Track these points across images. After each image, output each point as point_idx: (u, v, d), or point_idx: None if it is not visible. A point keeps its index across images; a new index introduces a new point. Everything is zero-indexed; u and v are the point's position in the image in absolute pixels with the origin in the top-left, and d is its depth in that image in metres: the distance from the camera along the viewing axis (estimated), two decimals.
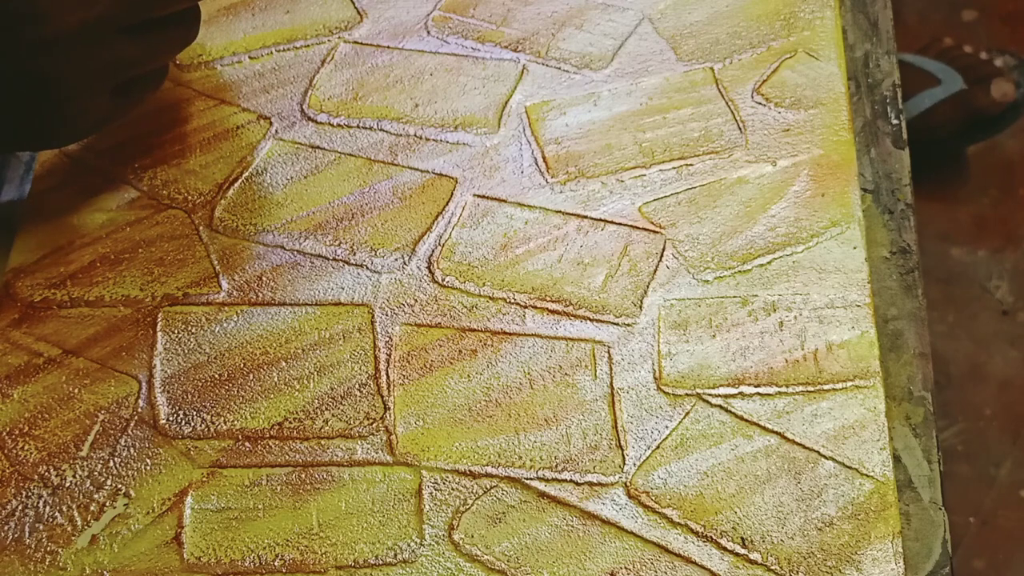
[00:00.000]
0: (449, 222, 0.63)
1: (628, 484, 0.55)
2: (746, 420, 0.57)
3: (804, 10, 0.70)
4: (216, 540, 0.55)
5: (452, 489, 0.56)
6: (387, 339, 0.60)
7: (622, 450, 0.56)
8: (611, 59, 0.69)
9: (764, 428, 0.56)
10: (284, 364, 0.59)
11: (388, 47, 0.70)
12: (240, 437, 0.57)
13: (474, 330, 0.60)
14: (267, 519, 0.55)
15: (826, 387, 0.57)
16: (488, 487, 0.56)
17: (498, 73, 0.69)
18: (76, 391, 0.59)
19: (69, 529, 0.55)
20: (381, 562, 0.54)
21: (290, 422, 0.58)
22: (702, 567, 0.53)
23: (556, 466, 0.56)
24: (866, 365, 0.58)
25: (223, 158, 0.66)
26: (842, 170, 0.64)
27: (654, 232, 0.62)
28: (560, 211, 0.63)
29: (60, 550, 0.55)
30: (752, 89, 0.67)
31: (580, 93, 0.68)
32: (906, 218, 0.64)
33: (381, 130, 0.67)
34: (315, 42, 0.71)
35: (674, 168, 0.65)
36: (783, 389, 0.57)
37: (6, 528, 0.55)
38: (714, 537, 0.54)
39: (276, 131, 0.67)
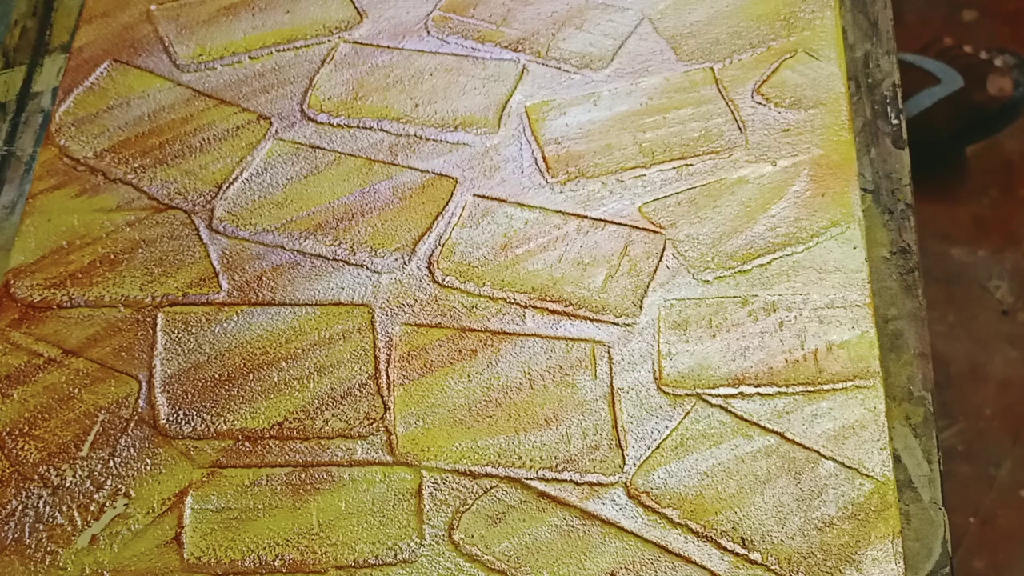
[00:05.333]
0: (449, 222, 0.63)
1: (628, 484, 0.55)
2: (746, 420, 0.57)
3: (804, 10, 0.70)
4: (216, 540, 0.55)
5: (452, 489, 0.56)
6: (387, 339, 0.60)
7: (622, 450, 0.56)
8: (611, 59, 0.69)
9: (764, 428, 0.56)
10: (284, 364, 0.59)
11: (388, 47, 0.70)
12: (240, 437, 0.57)
13: (474, 330, 0.60)
14: (267, 519, 0.55)
15: (826, 387, 0.57)
16: (488, 487, 0.56)
17: (498, 73, 0.69)
18: (76, 391, 0.59)
19: (69, 529, 0.55)
20: (381, 562, 0.54)
21: (290, 422, 0.58)
22: (702, 567, 0.53)
23: (556, 466, 0.56)
24: (866, 365, 0.58)
25: (223, 158, 0.66)
26: (842, 170, 0.64)
27: (654, 232, 0.62)
28: (560, 211, 0.63)
29: (60, 550, 0.55)
30: (752, 89, 0.67)
31: (580, 93, 0.68)
32: (906, 218, 0.64)
33: (381, 130, 0.67)
34: (315, 42, 0.71)
35: (674, 168, 0.65)
36: (783, 389, 0.57)
37: (6, 528, 0.55)
38: (714, 537, 0.54)
39: (276, 131, 0.67)
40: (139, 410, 0.58)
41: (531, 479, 0.56)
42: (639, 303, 0.60)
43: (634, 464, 0.56)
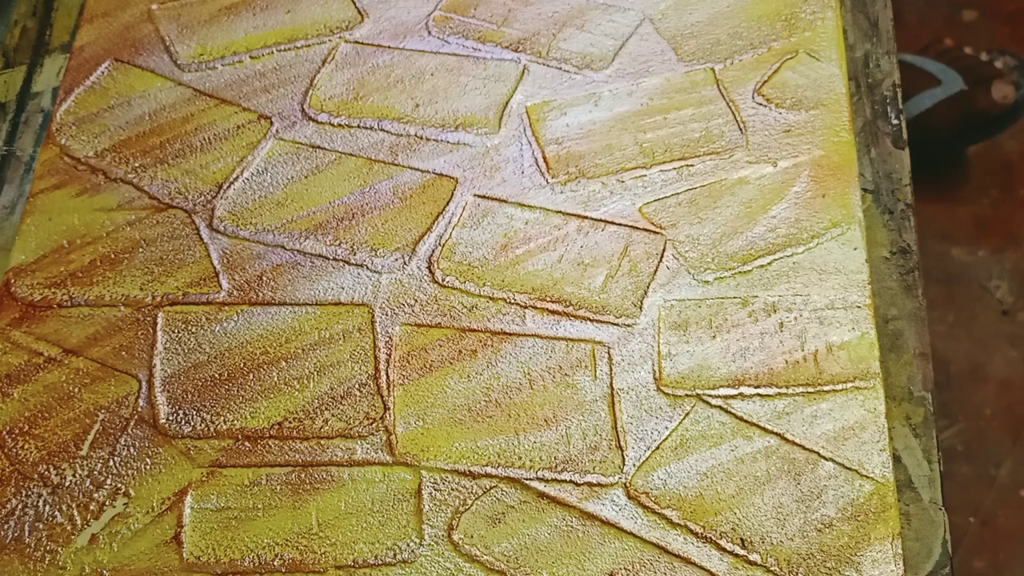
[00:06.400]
0: (449, 222, 0.63)
1: (628, 485, 0.55)
2: (746, 421, 0.57)
3: (805, 11, 0.70)
4: (216, 540, 0.55)
5: (452, 489, 0.56)
6: (387, 339, 0.60)
7: (622, 451, 0.56)
8: (612, 59, 0.69)
9: (764, 429, 0.56)
10: (284, 364, 0.59)
11: (389, 47, 0.70)
12: (240, 437, 0.57)
13: (474, 330, 0.60)
14: (267, 519, 0.55)
15: (826, 388, 0.57)
16: (488, 487, 0.56)
17: (499, 73, 0.69)
18: (76, 391, 0.59)
19: (69, 528, 0.55)
20: (381, 562, 0.54)
21: (290, 422, 0.58)
22: (702, 568, 0.53)
23: (556, 466, 0.56)
24: (866, 366, 0.58)
25: (223, 158, 0.66)
26: (843, 171, 0.64)
27: (654, 232, 0.62)
28: (560, 211, 0.63)
29: (60, 549, 0.55)
30: (753, 90, 0.67)
31: (581, 93, 0.68)
32: (906, 218, 0.64)
33: (381, 130, 0.67)
34: (316, 42, 0.71)
35: (675, 168, 0.65)
36: (783, 390, 0.57)
37: (6, 527, 0.55)
38: (714, 538, 0.54)
39: (277, 131, 0.67)
40: (139, 409, 0.58)
41: (531, 479, 0.56)
42: (639, 304, 0.60)
43: (634, 465, 0.56)
